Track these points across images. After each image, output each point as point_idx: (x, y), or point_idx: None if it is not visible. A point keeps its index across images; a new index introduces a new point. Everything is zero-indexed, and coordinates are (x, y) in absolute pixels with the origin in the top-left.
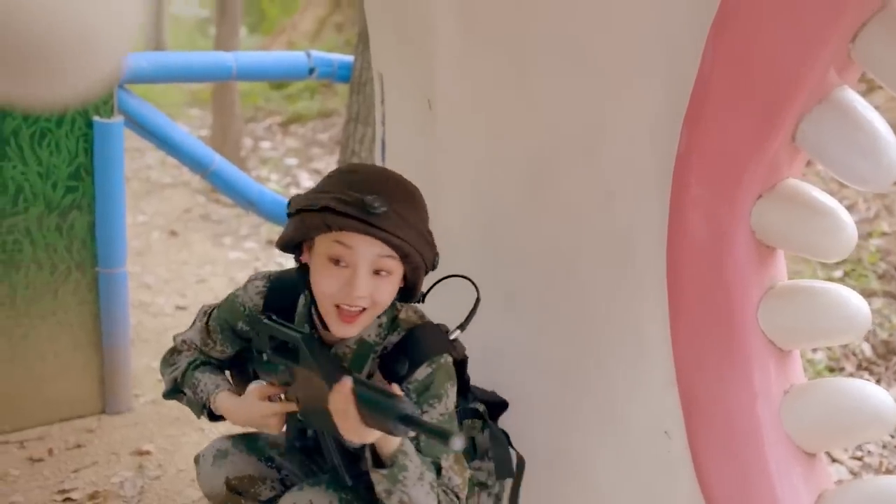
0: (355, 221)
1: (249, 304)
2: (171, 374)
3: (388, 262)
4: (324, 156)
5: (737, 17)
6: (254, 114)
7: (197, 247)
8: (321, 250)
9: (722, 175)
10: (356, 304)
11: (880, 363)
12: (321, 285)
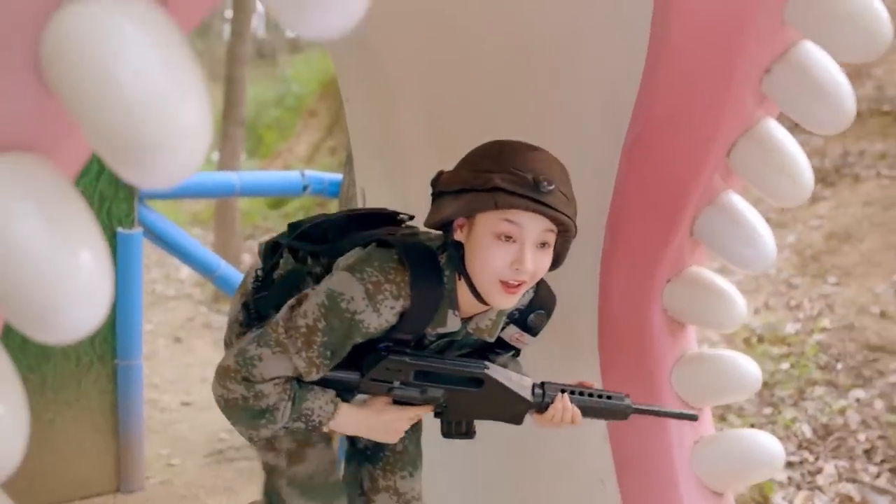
0: (527, 200)
1: (383, 326)
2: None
3: (550, 235)
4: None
5: (641, 139)
6: (252, 231)
7: (199, 351)
8: (485, 228)
9: (639, 266)
10: (521, 278)
11: (819, 443)
12: (488, 261)
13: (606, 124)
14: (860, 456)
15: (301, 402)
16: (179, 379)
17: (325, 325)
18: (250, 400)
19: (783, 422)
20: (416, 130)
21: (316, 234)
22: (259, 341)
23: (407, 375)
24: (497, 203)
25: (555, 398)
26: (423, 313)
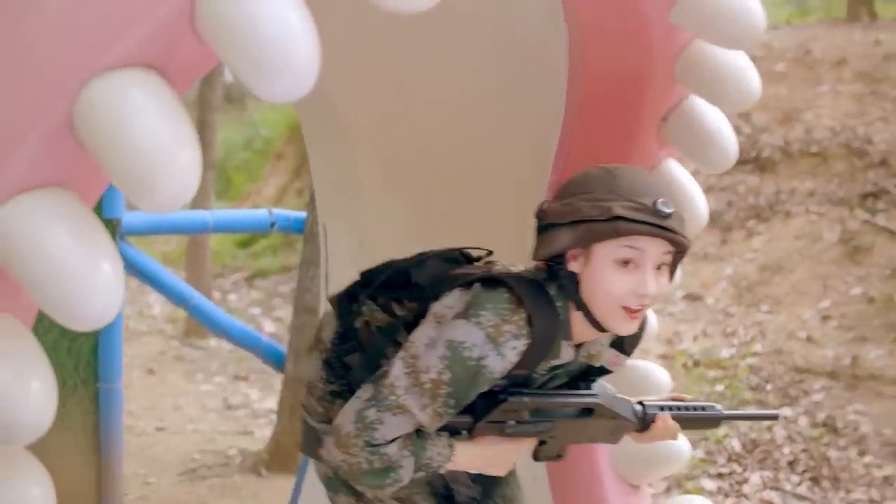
0: (650, 227)
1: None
2: (392, 485)
3: (668, 257)
4: (285, 304)
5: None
6: (222, 270)
7: (172, 382)
8: (606, 255)
9: None
10: (644, 301)
11: (747, 456)
12: (611, 288)
13: (534, 166)
14: (784, 467)
15: (422, 453)
16: (153, 406)
17: (451, 377)
18: (375, 462)
19: (715, 438)
20: (370, 173)
21: (398, 279)
22: (378, 406)
23: (522, 415)
24: (618, 231)
25: (656, 417)
26: (541, 349)
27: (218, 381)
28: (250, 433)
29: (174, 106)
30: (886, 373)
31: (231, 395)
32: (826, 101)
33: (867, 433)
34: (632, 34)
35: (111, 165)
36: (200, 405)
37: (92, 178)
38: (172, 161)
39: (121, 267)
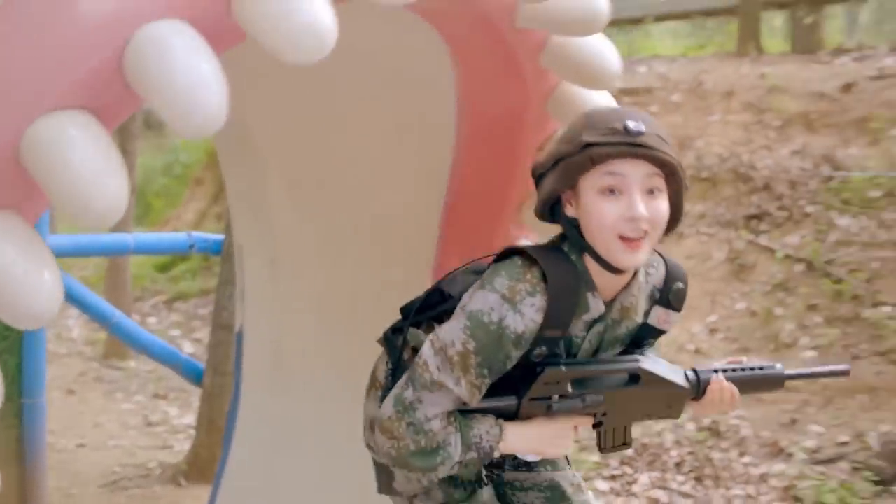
0: (621, 147)
1: (530, 327)
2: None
3: (657, 180)
4: (203, 327)
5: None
6: (141, 294)
7: (92, 401)
8: (590, 188)
9: None
10: (639, 229)
11: (638, 459)
12: (601, 219)
13: (430, 189)
14: (671, 468)
15: (468, 431)
16: (74, 425)
17: (476, 345)
18: (421, 442)
19: None
20: (281, 197)
21: (433, 298)
22: (414, 386)
23: (564, 387)
24: (592, 159)
25: (710, 380)
26: (565, 302)
27: (138, 399)
28: (170, 447)
29: (105, 141)
30: None
31: (151, 413)
32: (716, 129)
33: (747, 436)
34: (509, 77)
35: (53, 191)
36: (121, 422)
37: (35, 201)
38: (104, 186)
39: (59, 275)
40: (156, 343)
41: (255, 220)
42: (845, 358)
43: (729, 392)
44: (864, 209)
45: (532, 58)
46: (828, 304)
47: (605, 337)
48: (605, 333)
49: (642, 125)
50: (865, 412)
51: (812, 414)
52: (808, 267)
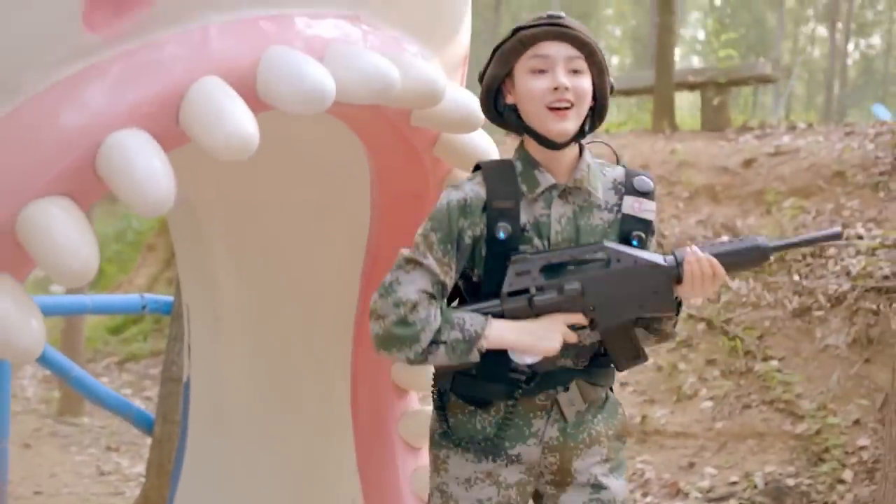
0: (545, 28)
1: (472, 199)
2: (424, 330)
3: (579, 62)
4: (153, 386)
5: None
6: (94, 355)
7: (48, 454)
8: (522, 70)
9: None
10: (565, 100)
11: None
12: (531, 92)
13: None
14: None
15: (450, 312)
16: (31, 475)
17: (432, 224)
18: (401, 311)
19: None
20: (223, 262)
21: None
22: (391, 272)
23: (536, 276)
24: (521, 41)
25: (685, 253)
26: (504, 176)
27: (91, 451)
28: (121, 493)
29: (81, 219)
30: (668, 428)
31: (103, 464)
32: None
33: (651, 478)
34: (410, 164)
35: (40, 257)
36: (75, 472)
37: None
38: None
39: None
40: (110, 395)
41: (200, 283)
42: (737, 407)
43: (708, 264)
44: (756, 273)
45: (427, 150)
46: (724, 358)
47: (580, 224)
48: (576, 220)
49: (562, 14)
50: (753, 455)
51: (707, 458)
52: (708, 325)
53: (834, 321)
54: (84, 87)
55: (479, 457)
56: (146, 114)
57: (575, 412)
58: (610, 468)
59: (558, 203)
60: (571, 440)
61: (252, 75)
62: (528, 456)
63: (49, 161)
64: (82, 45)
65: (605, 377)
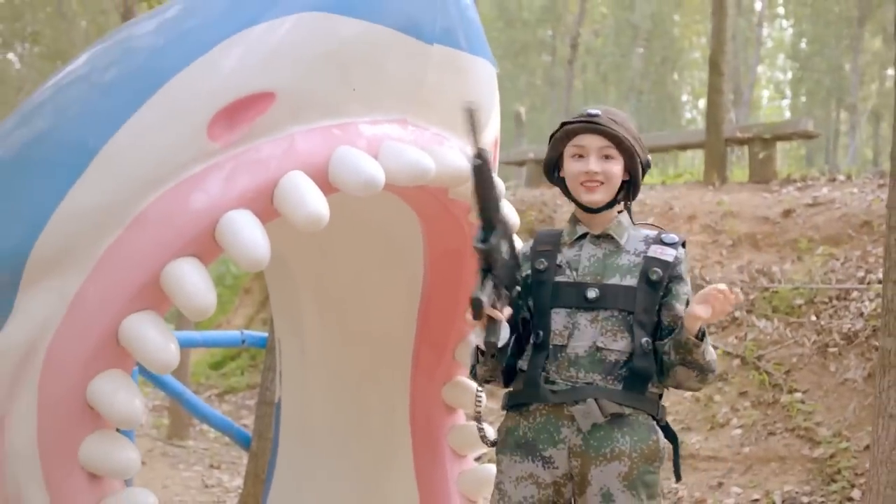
0: (581, 123)
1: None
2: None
3: (610, 150)
4: (250, 415)
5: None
6: (197, 388)
7: (159, 471)
8: (567, 156)
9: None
10: (594, 179)
11: None
12: (570, 173)
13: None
14: None
15: None
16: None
17: None
18: None
19: None
20: (308, 304)
21: None
22: None
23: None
24: (566, 133)
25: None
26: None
27: (196, 469)
28: (223, 502)
29: (204, 273)
30: (701, 453)
31: (207, 479)
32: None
33: (683, 496)
34: (452, 227)
35: (177, 298)
36: (184, 486)
37: (165, 304)
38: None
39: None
40: (215, 415)
41: (289, 321)
42: (763, 434)
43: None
44: (788, 314)
45: (464, 216)
46: (754, 391)
47: (607, 263)
48: (605, 259)
49: (598, 111)
50: (775, 476)
51: (735, 478)
52: (742, 361)
53: (850, 357)
54: (207, 180)
55: (522, 458)
56: (250, 198)
57: (590, 424)
58: (627, 485)
59: (589, 247)
60: (592, 450)
61: (325, 168)
62: (560, 460)
63: (182, 233)
64: (206, 150)
65: (638, 401)
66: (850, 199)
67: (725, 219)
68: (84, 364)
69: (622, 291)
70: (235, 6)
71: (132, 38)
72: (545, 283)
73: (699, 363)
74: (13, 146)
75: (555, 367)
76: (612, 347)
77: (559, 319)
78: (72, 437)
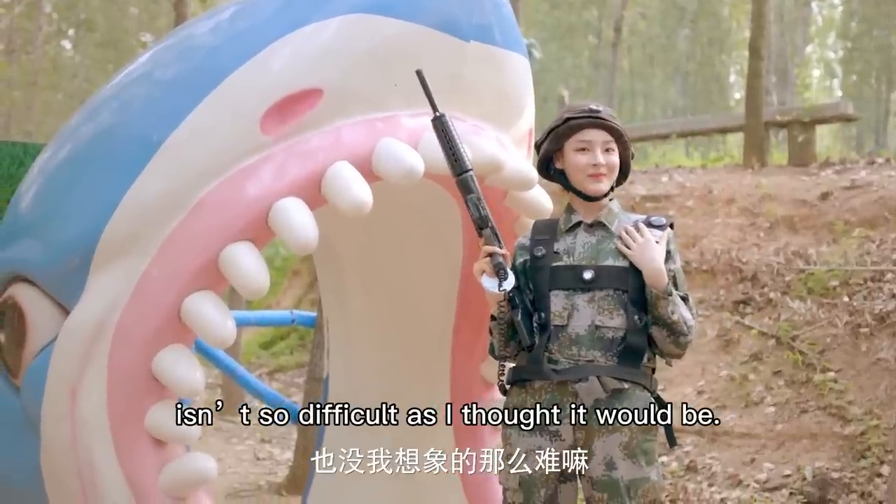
0: (588, 119)
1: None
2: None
3: (611, 143)
4: (299, 392)
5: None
6: (248, 367)
7: (213, 444)
8: (570, 149)
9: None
10: (600, 171)
11: None
12: (577, 165)
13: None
14: None
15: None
16: None
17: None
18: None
19: None
20: (354, 285)
21: None
22: None
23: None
24: (571, 127)
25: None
26: (545, 221)
27: (248, 443)
28: (274, 474)
29: (258, 256)
30: (735, 430)
31: (259, 452)
32: (718, 230)
33: (717, 471)
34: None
35: (233, 278)
36: (237, 458)
37: (222, 285)
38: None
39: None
40: (266, 390)
41: (337, 301)
42: (795, 412)
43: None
44: (823, 295)
45: (500, 202)
46: (789, 370)
47: (600, 248)
48: (597, 245)
49: (600, 108)
50: (807, 453)
51: (767, 455)
52: (777, 342)
53: (882, 338)
54: (260, 170)
55: (530, 433)
56: (300, 187)
57: (593, 399)
58: (627, 453)
59: (583, 234)
60: (595, 423)
61: (369, 158)
62: (566, 433)
63: (238, 219)
64: (259, 143)
65: (633, 375)
66: (888, 182)
67: (763, 202)
68: (149, 339)
69: (616, 272)
70: (285, 8)
71: (191, 37)
72: (543, 268)
73: (665, 319)
74: (82, 140)
75: (556, 346)
76: (609, 325)
77: (558, 301)
78: (139, 406)
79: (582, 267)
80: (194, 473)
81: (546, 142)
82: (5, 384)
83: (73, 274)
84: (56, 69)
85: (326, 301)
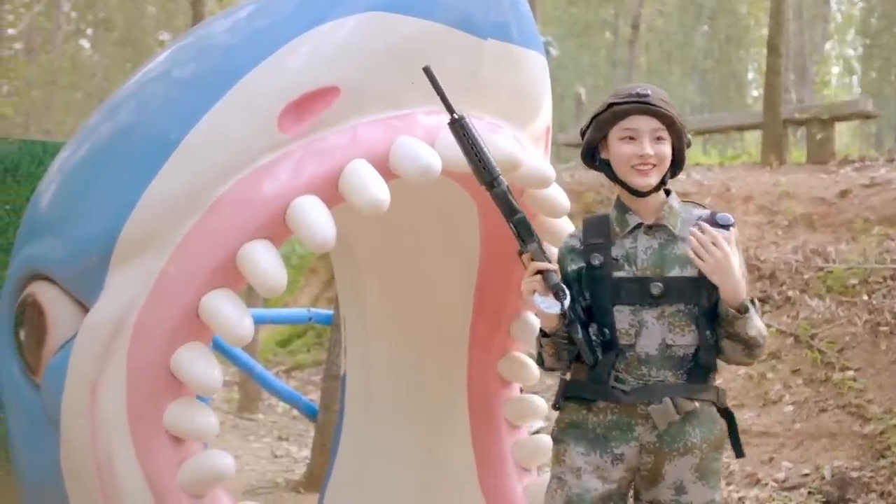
0: (633, 104)
1: (568, 243)
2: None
3: (661, 132)
4: (316, 391)
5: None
6: (265, 364)
7: (230, 442)
8: (615, 138)
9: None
10: (647, 162)
11: None
12: (621, 156)
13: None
14: None
15: None
16: None
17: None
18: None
19: None
20: (371, 284)
21: None
22: None
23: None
24: (615, 114)
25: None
26: (597, 221)
27: (266, 440)
28: (291, 471)
29: (275, 253)
30: (753, 429)
31: (276, 449)
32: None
33: (734, 470)
34: None
35: (250, 276)
36: (254, 456)
37: (240, 282)
38: (276, 274)
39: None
40: (284, 389)
41: (354, 299)
42: (814, 411)
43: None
44: (842, 294)
45: (517, 199)
46: (807, 369)
47: (665, 254)
48: (661, 250)
49: (648, 91)
50: (826, 452)
51: (785, 454)
52: (795, 340)
53: None
54: (277, 168)
55: (588, 451)
56: (317, 185)
57: (667, 423)
58: (698, 476)
59: (644, 238)
60: (667, 446)
61: (386, 156)
62: (630, 456)
63: (255, 217)
64: (277, 141)
65: (702, 392)
66: None
67: (782, 199)
68: (168, 337)
69: (686, 284)
70: (302, 7)
71: (208, 36)
72: (603, 278)
73: (741, 336)
74: (101, 139)
75: (623, 365)
76: (680, 343)
77: (623, 318)
78: (157, 403)
79: (648, 279)
80: (212, 470)
81: (589, 130)
82: (25, 381)
83: (92, 272)
84: (75, 68)
85: (344, 299)
